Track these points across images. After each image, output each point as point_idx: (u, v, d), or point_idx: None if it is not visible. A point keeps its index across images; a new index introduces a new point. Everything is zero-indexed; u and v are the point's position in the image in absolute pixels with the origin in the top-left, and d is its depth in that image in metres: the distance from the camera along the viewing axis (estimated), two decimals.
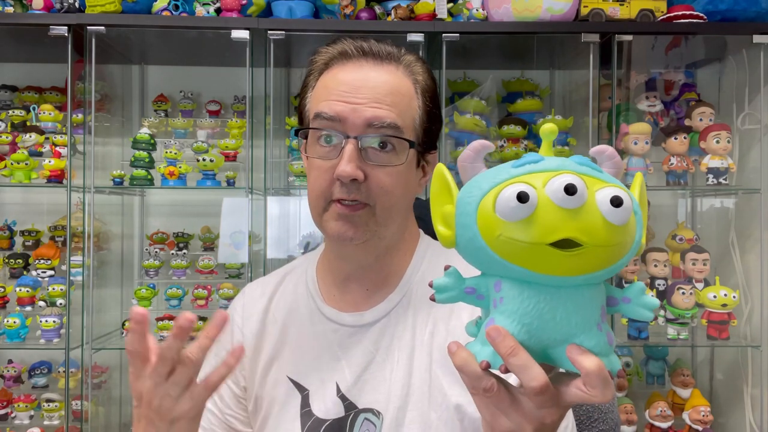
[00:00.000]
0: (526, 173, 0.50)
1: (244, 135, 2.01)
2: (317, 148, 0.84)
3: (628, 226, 0.50)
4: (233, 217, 2.03)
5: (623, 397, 1.98)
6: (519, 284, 0.52)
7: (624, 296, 0.55)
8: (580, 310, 0.51)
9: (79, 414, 1.90)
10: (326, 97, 0.83)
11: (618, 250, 0.50)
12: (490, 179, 0.52)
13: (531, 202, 0.48)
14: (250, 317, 0.96)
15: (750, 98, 2.03)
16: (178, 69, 2.26)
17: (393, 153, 0.82)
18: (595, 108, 1.91)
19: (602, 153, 0.55)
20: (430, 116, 0.88)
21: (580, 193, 0.47)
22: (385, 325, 0.87)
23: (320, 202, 0.84)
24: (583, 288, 0.52)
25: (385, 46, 0.86)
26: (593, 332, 0.52)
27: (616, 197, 0.48)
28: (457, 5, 1.91)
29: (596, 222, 0.48)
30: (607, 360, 0.52)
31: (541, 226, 0.48)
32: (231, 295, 1.96)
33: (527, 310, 0.51)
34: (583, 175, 0.50)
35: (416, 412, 0.82)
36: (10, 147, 2.00)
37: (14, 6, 1.92)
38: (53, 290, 1.91)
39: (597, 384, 0.50)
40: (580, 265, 0.49)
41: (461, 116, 1.94)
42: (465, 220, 0.52)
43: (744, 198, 2.06)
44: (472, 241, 0.52)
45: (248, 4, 1.88)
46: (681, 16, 1.86)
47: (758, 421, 1.96)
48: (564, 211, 0.48)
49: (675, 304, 1.89)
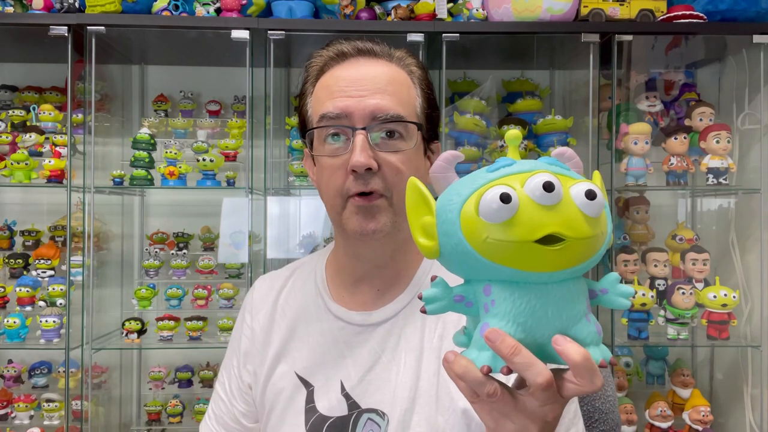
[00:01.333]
0: (503, 176, 0.52)
1: (244, 135, 2.01)
2: (325, 148, 0.84)
3: (601, 218, 0.52)
4: (233, 217, 2.03)
5: (623, 397, 1.99)
6: (509, 285, 0.53)
7: (601, 288, 0.57)
8: (569, 304, 0.53)
9: (79, 414, 1.90)
10: (329, 96, 0.84)
11: (595, 241, 0.52)
12: (469, 185, 0.53)
13: (513, 202, 0.49)
14: (259, 312, 0.97)
15: (750, 98, 2.03)
16: (178, 69, 2.26)
17: (401, 139, 0.83)
18: (595, 108, 1.91)
19: (562, 155, 0.57)
20: (429, 103, 0.89)
21: (557, 190, 0.49)
22: (392, 326, 0.87)
23: (338, 201, 0.84)
24: (568, 282, 0.53)
25: (376, 45, 0.88)
26: (583, 323, 0.54)
27: (590, 191, 0.51)
28: (457, 5, 1.91)
29: (575, 216, 0.50)
30: (597, 349, 0.54)
31: (526, 224, 0.49)
32: (231, 295, 1.96)
33: (520, 310, 0.52)
34: (555, 173, 0.52)
35: (423, 415, 0.82)
36: (10, 147, 2.00)
37: (14, 6, 1.92)
38: (53, 290, 1.91)
39: (584, 373, 0.51)
40: (565, 259, 0.51)
41: (461, 116, 1.93)
42: (448, 227, 0.53)
43: (744, 198, 2.06)
44: (457, 248, 0.52)
45: (248, 4, 1.88)
46: (681, 16, 1.86)
47: (758, 421, 1.96)
48: (545, 208, 0.49)
49: (675, 304, 1.89)
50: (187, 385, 2.11)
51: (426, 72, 0.91)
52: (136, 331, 1.94)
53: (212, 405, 1.01)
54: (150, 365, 2.14)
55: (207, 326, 1.98)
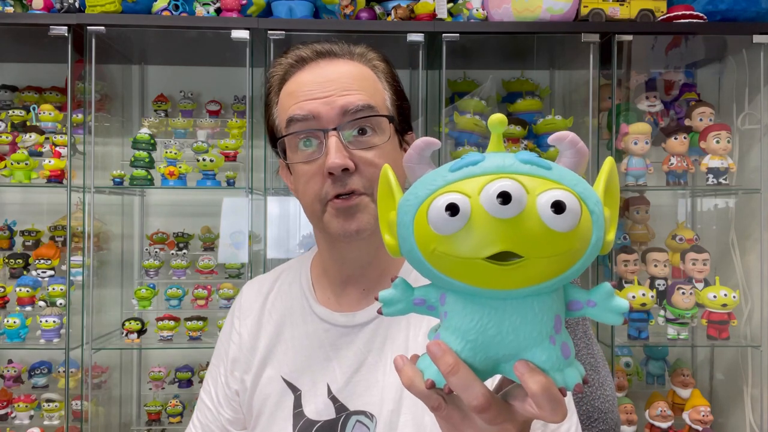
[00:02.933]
0: (463, 178, 0.45)
1: (244, 135, 2.01)
2: (298, 155, 0.83)
3: (577, 231, 0.44)
4: (233, 217, 2.03)
5: (623, 397, 1.99)
6: (462, 298, 0.48)
7: (589, 299, 0.49)
8: (529, 323, 0.47)
9: (79, 414, 1.90)
10: (294, 101, 0.82)
11: (566, 257, 0.45)
12: (427, 186, 0.47)
13: (463, 213, 0.43)
14: (247, 317, 0.96)
15: (750, 98, 2.03)
16: (178, 69, 2.26)
17: (374, 135, 0.82)
18: (595, 108, 1.92)
19: (562, 140, 0.49)
20: (398, 95, 0.88)
21: (516, 201, 0.42)
22: (377, 326, 0.86)
23: (317, 206, 0.82)
24: (531, 299, 0.47)
25: (335, 45, 0.86)
26: (545, 345, 0.48)
27: (557, 202, 0.42)
28: (457, 5, 1.91)
29: (537, 231, 0.43)
30: (560, 375, 0.48)
31: (475, 239, 0.43)
32: (231, 295, 1.96)
33: (470, 326, 0.48)
34: (525, 175, 0.44)
35: (410, 415, 0.81)
36: (10, 147, 2.00)
37: (14, 6, 1.92)
38: (53, 290, 1.91)
39: (544, 404, 0.47)
40: (523, 278, 0.44)
41: (461, 116, 1.94)
42: (403, 231, 0.48)
43: (744, 198, 2.06)
44: (411, 254, 0.48)
45: (248, 4, 1.88)
46: (681, 16, 1.86)
47: (758, 421, 1.96)
48: (500, 222, 0.42)
49: (675, 304, 1.89)
50: (187, 385, 2.11)
51: (390, 65, 0.89)
52: (136, 331, 1.94)
53: (197, 413, 1.00)
54: (150, 365, 2.14)
55: (207, 326, 1.98)
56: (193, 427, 0.99)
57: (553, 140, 0.49)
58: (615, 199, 0.50)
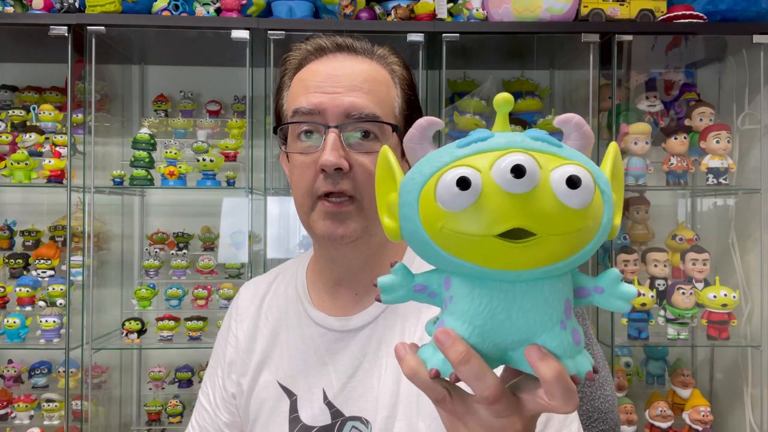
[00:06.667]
0: (472, 153, 0.44)
1: (244, 135, 2.01)
2: (297, 145, 0.82)
3: (590, 209, 0.43)
4: (233, 217, 2.04)
5: (623, 397, 1.99)
6: (469, 281, 0.46)
7: (596, 286, 0.48)
8: (539, 307, 0.45)
9: (79, 414, 1.90)
10: (303, 91, 0.81)
11: (579, 236, 0.43)
12: (433, 162, 0.45)
13: (474, 188, 0.41)
14: (244, 320, 0.95)
15: (750, 98, 2.03)
16: (178, 69, 2.26)
17: (376, 140, 0.80)
18: (595, 108, 1.91)
19: (568, 122, 0.47)
20: (410, 105, 0.86)
21: (530, 175, 0.40)
22: (372, 331, 0.85)
23: (306, 200, 0.81)
24: (542, 282, 0.45)
25: (357, 42, 0.85)
26: (556, 331, 0.46)
27: (573, 176, 0.41)
28: (457, 5, 1.91)
29: (550, 207, 0.41)
30: (572, 362, 0.46)
31: (487, 215, 0.41)
32: (231, 295, 1.96)
33: (478, 311, 0.45)
34: (536, 152, 0.43)
35: (404, 421, 0.79)
36: (10, 147, 2.00)
37: (14, 6, 1.92)
38: (53, 290, 1.91)
39: (557, 393, 0.45)
40: (536, 257, 0.43)
41: (461, 116, 1.94)
42: (406, 210, 0.46)
43: (744, 198, 2.06)
44: (415, 235, 0.45)
45: (248, 4, 1.88)
46: (681, 16, 1.86)
47: (758, 421, 1.96)
48: (512, 197, 0.41)
49: (675, 304, 1.89)
50: (187, 385, 2.11)
51: (409, 72, 0.87)
52: (136, 331, 1.94)
53: (195, 415, 0.99)
54: (150, 365, 2.15)
55: (207, 326, 1.98)
56: (192, 429, 0.99)
57: (559, 122, 0.48)
58: (620, 184, 0.49)
